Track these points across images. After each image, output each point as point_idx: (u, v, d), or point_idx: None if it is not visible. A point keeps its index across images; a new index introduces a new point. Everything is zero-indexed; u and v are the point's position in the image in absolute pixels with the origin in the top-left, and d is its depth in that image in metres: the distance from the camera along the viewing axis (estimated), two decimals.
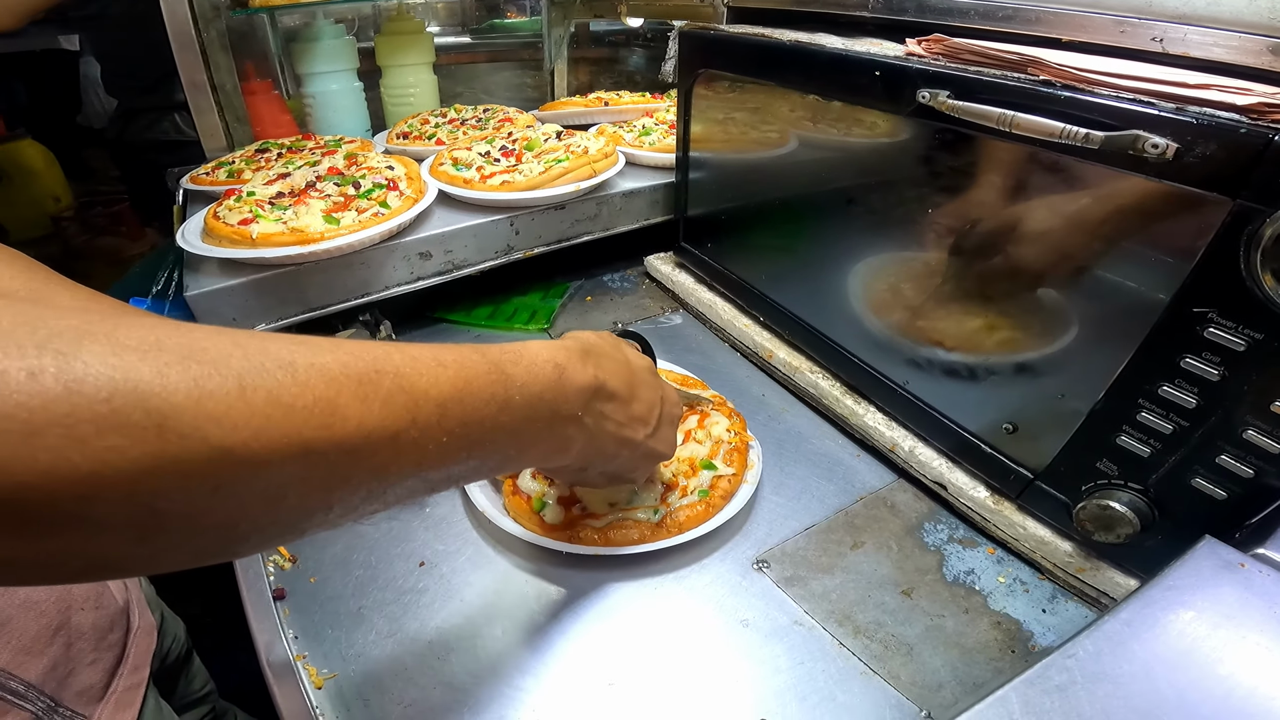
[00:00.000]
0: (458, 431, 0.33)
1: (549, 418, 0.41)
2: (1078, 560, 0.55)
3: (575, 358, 0.43)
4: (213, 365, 0.24)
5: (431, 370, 0.32)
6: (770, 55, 0.72)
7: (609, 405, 0.46)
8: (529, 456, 0.42)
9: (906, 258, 0.64)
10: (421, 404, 0.31)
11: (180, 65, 1.06)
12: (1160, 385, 0.45)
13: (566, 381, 0.41)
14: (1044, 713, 0.34)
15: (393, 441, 0.30)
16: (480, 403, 0.35)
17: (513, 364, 0.38)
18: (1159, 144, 0.40)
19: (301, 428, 0.26)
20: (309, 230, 0.75)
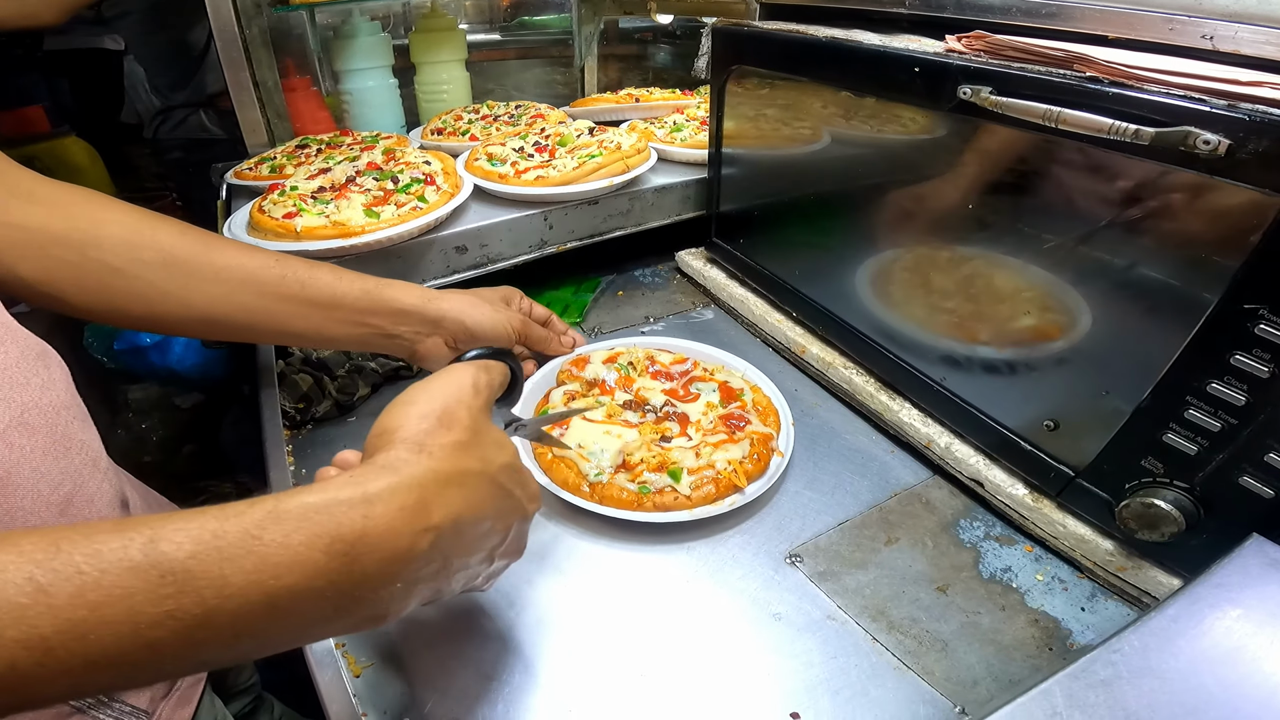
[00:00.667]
0: (92, 668, 0.26)
1: (326, 608, 0.31)
2: (1119, 559, 0.54)
3: (391, 516, 0.32)
4: None
5: (10, 610, 0.24)
6: (807, 51, 0.72)
7: (455, 552, 0.37)
8: (311, 636, 0.36)
9: (943, 253, 0.63)
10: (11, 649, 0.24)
11: (224, 61, 1.08)
12: (1209, 382, 0.44)
13: (360, 559, 0.31)
14: (1089, 707, 0.34)
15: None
16: (139, 628, 0.26)
17: (221, 561, 0.28)
18: (1211, 140, 0.40)
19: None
20: (350, 223, 0.77)
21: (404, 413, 0.39)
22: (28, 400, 0.41)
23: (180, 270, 0.56)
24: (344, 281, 0.62)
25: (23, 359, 0.43)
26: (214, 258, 0.57)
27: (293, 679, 0.52)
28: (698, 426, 0.69)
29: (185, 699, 0.55)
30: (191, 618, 0.27)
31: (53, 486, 0.42)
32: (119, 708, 0.49)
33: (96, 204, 0.55)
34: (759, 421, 0.69)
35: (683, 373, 0.77)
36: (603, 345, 0.82)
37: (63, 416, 0.45)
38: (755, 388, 0.74)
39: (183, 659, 0.28)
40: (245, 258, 0.59)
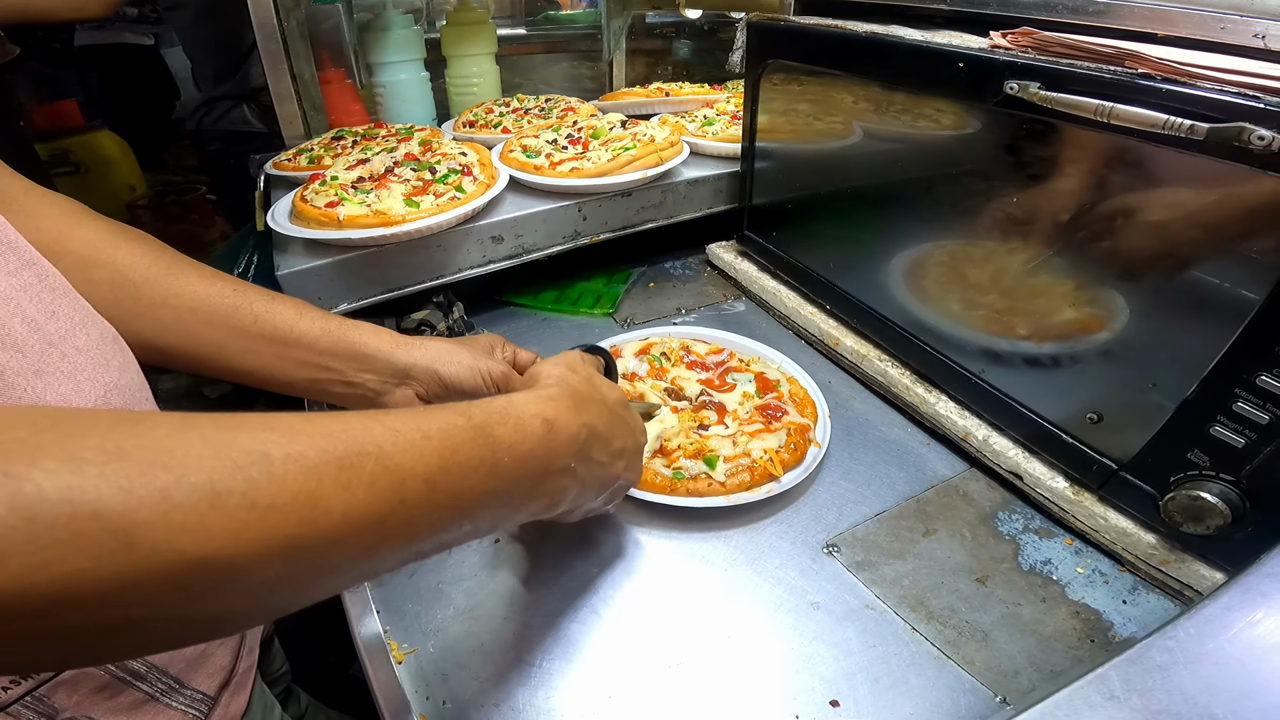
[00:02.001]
0: (447, 504, 0.32)
1: (540, 474, 0.40)
2: (1161, 552, 0.54)
3: (565, 409, 0.42)
4: (180, 471, 0.23)
5: (415, 444, 0.31)
6: (845, 46, 0.72)
7: (597, 449, 0.45)
8: (523, 513, 0.42)
9: (981, 248, 0.63)
10: (408, 482, 0.30)
11: (263, 54, 1.10)
12: (1258, 375, 0.44)
13: (557, 435, 0.40)
14: (1146, 690, 0.34)
15: (380, 524, 0.29)
16: (468, 470, 0.34)
17: (499, 424, 0.37)
18: (1265, 136, 0.40)
19: (282, 525, 0.25)
20: (391, 213, 0.78)
21: (541, 367, 0.50)
22: (110, 381, 0.43)
23: (128, 293, 0.53)
24: (304, 319, 0.58)
25: (102, 341, 0.44)
26: (169, 282, 0.55)
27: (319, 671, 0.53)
28: (734, 416, 0.70)
29: (241, 685, 0.56)
30: (489, 464, 0.35)
31: None
32: (190, 694, 0.50)
33: (71, 218, 0.53)
34: (796, 412, 0.69)
35: (718, 363, 0.78)
36: (635, 335, 0.83)
37: (138, 397, 0.46)
38: (791, 379, 0.75)
39: (478, 508, 0.35)
40: (201, 285, 0.56)
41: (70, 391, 0.40)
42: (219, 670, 0.53)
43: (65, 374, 0.40)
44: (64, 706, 0.42)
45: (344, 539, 0.27)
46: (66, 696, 0.42)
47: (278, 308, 0.58)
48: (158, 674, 0.47)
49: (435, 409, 0.35)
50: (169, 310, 0.54)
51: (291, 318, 0.58)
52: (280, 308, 0.58)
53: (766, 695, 0.49)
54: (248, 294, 0.57)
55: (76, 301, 0.44)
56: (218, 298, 0.56)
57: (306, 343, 0.58)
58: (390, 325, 0.84)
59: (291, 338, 0.57)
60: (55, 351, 0.40)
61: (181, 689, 0.49)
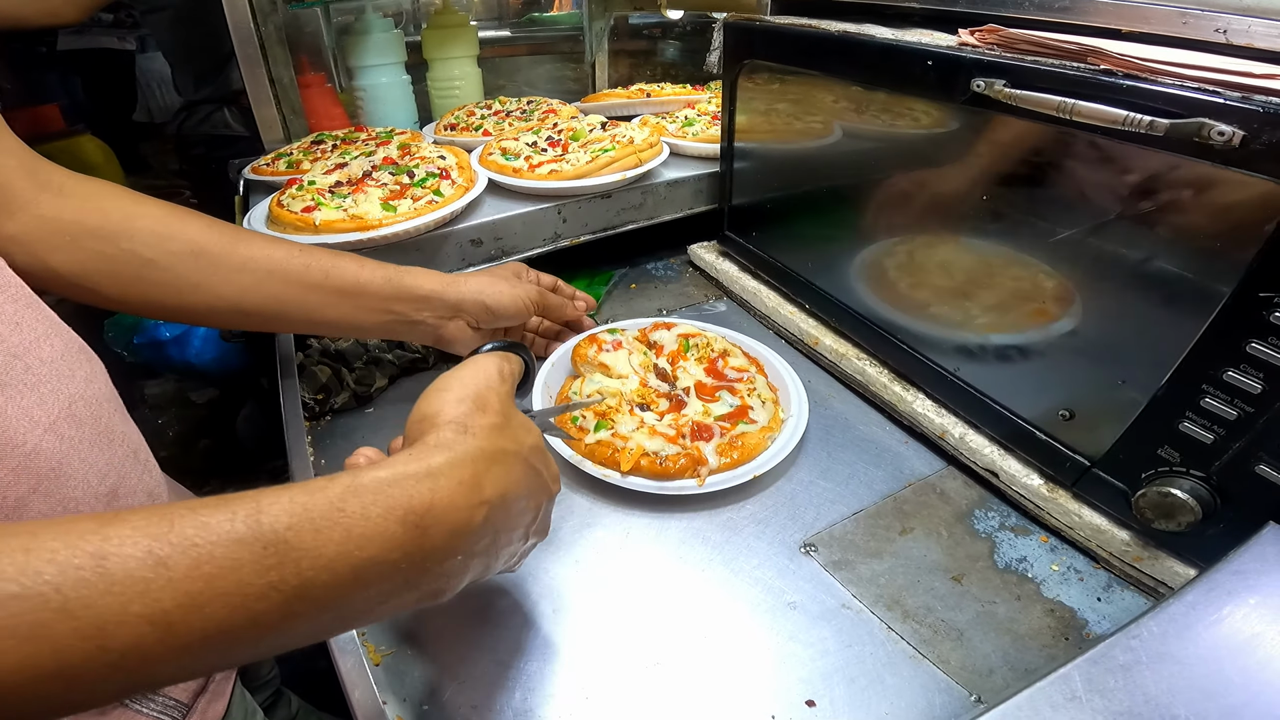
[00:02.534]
0: (207, 642, 0.26)
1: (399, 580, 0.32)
2: (1135, 549, 0.54)
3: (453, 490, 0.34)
4: None
5: (136, 580, 0.25)
6: (819, 46, 0.72)
7: (504, 526, 0.38)
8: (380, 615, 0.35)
9: (956, 244, 0.63)
10: (115, 631, 0.24)
11: (240, 58, 1.09)
12: (1225, 370, 0.44)
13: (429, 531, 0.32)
14: (1108, 691, 0.34)
15: (52, 679, 0.23)
16: (246, 600, 0.27)
17: (312, 532, 0.29)
18: (1225, 131, 0.40)
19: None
20: (368, 217, 0.77)
21: (441, 398, 0.40)
22: (74, 392, 0.42)
23: (209, 261, 0.57)
24: (367, 270, 0.63)
25: (67, 352, 0.44)
26: (240, 249, 0.59)
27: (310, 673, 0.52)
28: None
29: (219, 693, 0.55)
30: (290, 589, 0.28)
31: (100, 478, 0.43)
32: (162, 701, 0.49)
33: (128, 198, 0.56)
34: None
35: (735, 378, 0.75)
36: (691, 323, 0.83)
37: (105, 409, 0.45)
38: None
39: (279, 633, 0.29)
40: (271, 248, 0.60)
41: (33, 403, 0.40)
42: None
43: (29, 386, 0.40)
44: None
45: (31, 693, 0.23)
46: None
47: (341, 263, 0.63)
48: None
49: (211, 510, 0.28)
50: (249, 274, 0.59)
51: (355, 270, 0.63)
52: (343, 263, 0.63)
53: (743, 695, 0.49)
54: (314, 253, 0.62)
55: (41, 312, 0.44)
56: (288, 259, 0.60)
57: (372, 291, 0.63)
58: None
59: (359, 288, 0.63)
60: (19, 363, 0.40)
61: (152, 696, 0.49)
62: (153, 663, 0.25)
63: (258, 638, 0.28)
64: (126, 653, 0.24)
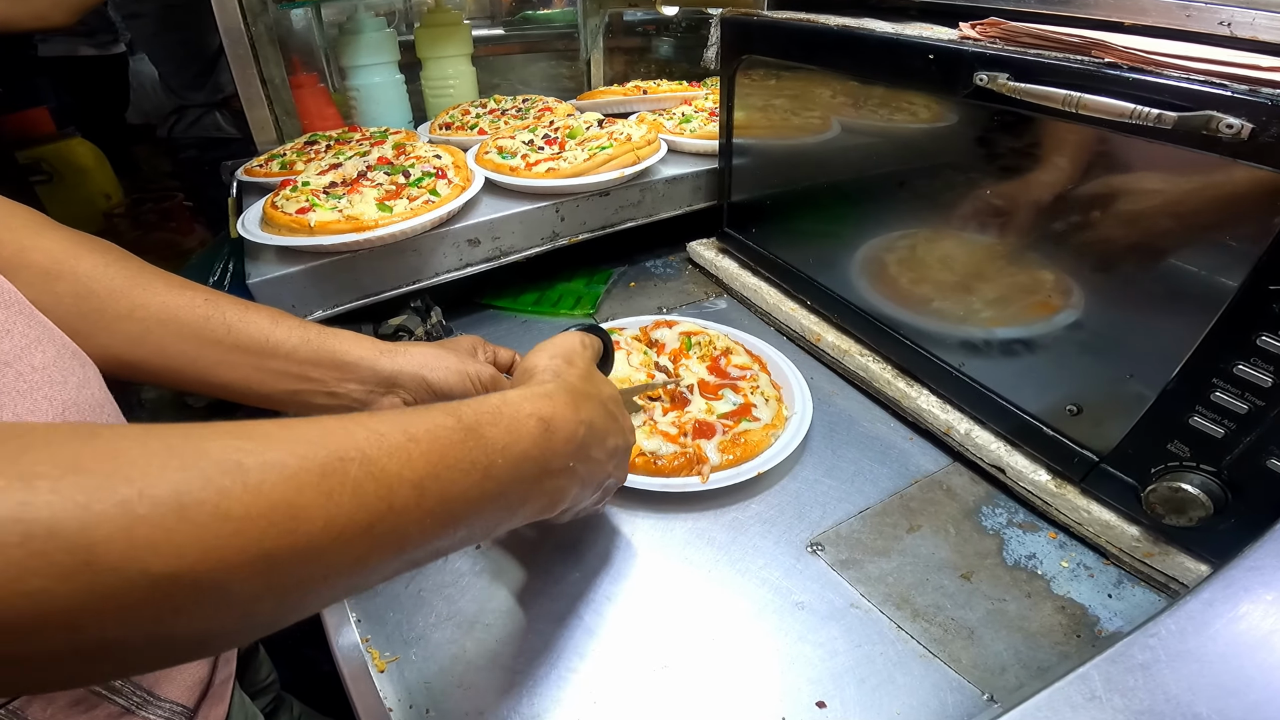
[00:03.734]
0: (438, 510, 0.31)
1: (538, 475, 0.38)
2: (1145, 544, 0.54)
3: (562, 406, 0.41)
4: (143, 483, 0.22)
5: (402, 448, 0.30)
6: (818, 40, 0.72)
7: (595, 447, 0.44)
8: (521, 515, 0.40)
9: (959, 239, 0.63)
10: (396, 488, 0.29)
11: (231, 59, 1.08)
12: (1235, 364, 0.44)
13: (554, 434, 0.39)
14: (1128, 690, 0.34)
15: (368, 533, 0.27)
16: (459, 474, 0.32)
17: (491, 425, 0.35)
18: (1234, 124, 0.40)
19: (259, 538, 0.23)
20: (364, 218, 0.76)
21: (537, 357, 0.48)
22: (68, 399, 0.42)
23: (92, 305, 0.51)
24: (281, 328, 0.56)
25: (60, 358, 0.43)
26: (135, 293, 0.52)
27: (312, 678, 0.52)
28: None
29: (219, 696, 0.55)
30: (481, 468, 0.33)
31: None
32: (168, 706, 0.49)
33: (30, 229, 0.51)
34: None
35: (738, 376, 0.75)
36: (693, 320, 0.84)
37: (100, 414, 0.45)
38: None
39: (472, 513, 0.34)
40: (170, 295, 0.54)
41: (26, 410, 0.39)
42: (196, 682, 0.52)
43: (20, 393, 0.39)
44: (38, 719, 0.41)
45: (329, 550, 0.26)
46: (41, 710, 0.41)
47: (252, 317, 0.56)
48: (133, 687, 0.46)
49: (422, 410, 0.34)
50: (135, 322, 0.52)
51: (267, 327, 0.56)
52: (255, 317, 0.56)
53: (753, 697, 0.48)
54: (220, 303, 0.55)
55: (33, 318, 0.43)
56: (188, 308, 0.54)
57: (284, 352, 0.56)
58: (368, 331, 0.83)
59: (268, 348, 0.55)
60: (10, 370, 0.39)
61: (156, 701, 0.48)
62: (404, 523, 0.29)
63: (462, 514, 0.33)
64: (402, 511, 0.29)
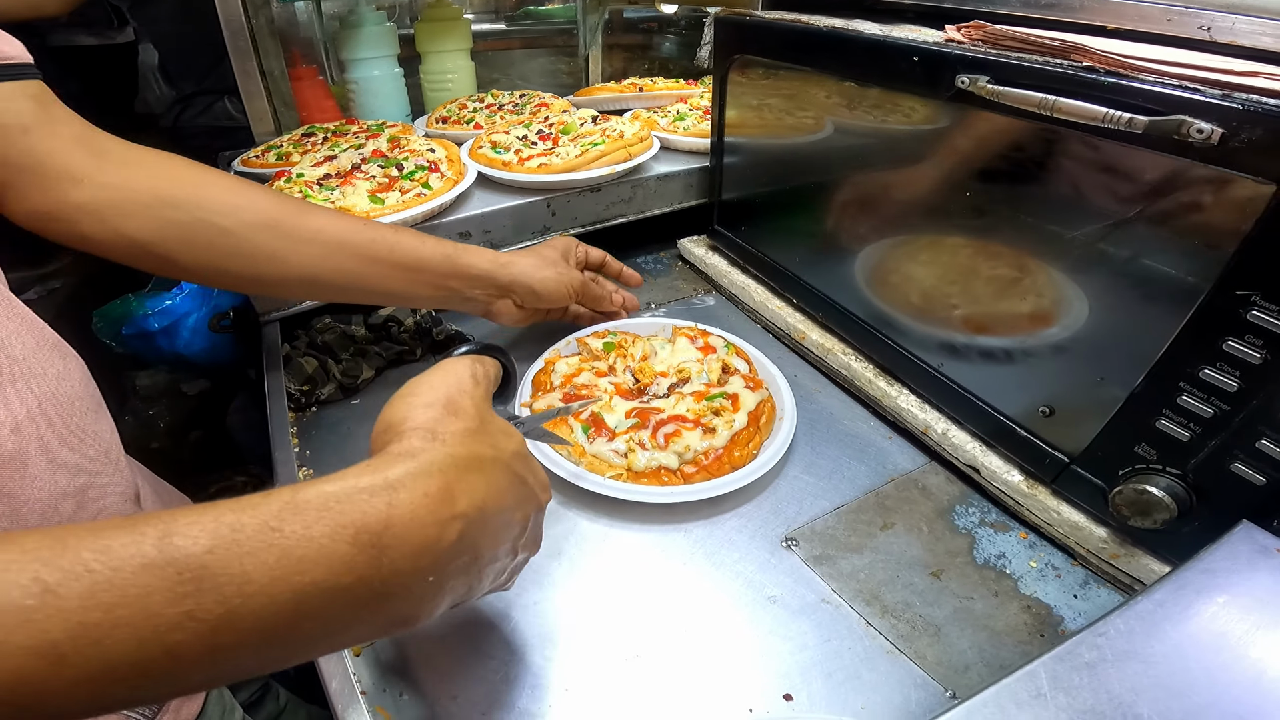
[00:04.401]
0: (103, 676, 0.24)
1: (349, 606, 0.29)
2: (1112, 546, 0.54)
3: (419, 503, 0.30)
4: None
5: (15, 614, 0.22)
6: (807, 41, 0.72)
7: (485, 542, 0.34)
8: (340, 644, 0.31)
9: (941, 241, 0.63)
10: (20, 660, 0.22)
11: (231, 50, 1.09)
12: (1202, 368, 0.44)
13: (387, 551, 0.29)
14: (1073, 689, 0.34)
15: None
16: (149, 631, 0.24)
17: (241, 556, 0.26)
18: (1204, 129, 0.40)
19: None
20: (355, 209, 0.77)
21: (407, 404, 0.37)
22: (45, 391, 0.42)
23: (280, 231, 0.59)
24: (427, 246, 0.66)
25: (39, 349, 0.43)
26: (309, 221, 0.60)
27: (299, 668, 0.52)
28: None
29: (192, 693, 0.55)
30: (214, 618, 0.25)
31: (69, 478, 0.43)
32: None
33: (196, 168, 0.58)
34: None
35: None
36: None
37: (77, 408, 0.45)
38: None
39: (207, 667, 0.26)
40: (337, 221, 0.62)
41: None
42: None
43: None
44: None
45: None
46: None
47: (403, 239, 0.65)
48: None
49: (116, 533, 0.25)
50: (319, 246, 0.60)
51: (416, 245, 0.65)
52: (405, 239, 0.65)
53: (721, 688, 0.49)
54: (377, 228, 0.64)
55: (12, 308, 0.44)
56: (355, 233, 0.63)
57: (431, 267, 0.66)
58: (358, 321, 0.84)
59: (419, 263, 0.66)
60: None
61: None
62: (48, 696, 0.23)
63: (181, 672, 0.25)
64: (15, 686, 0.22)
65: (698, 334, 0.80)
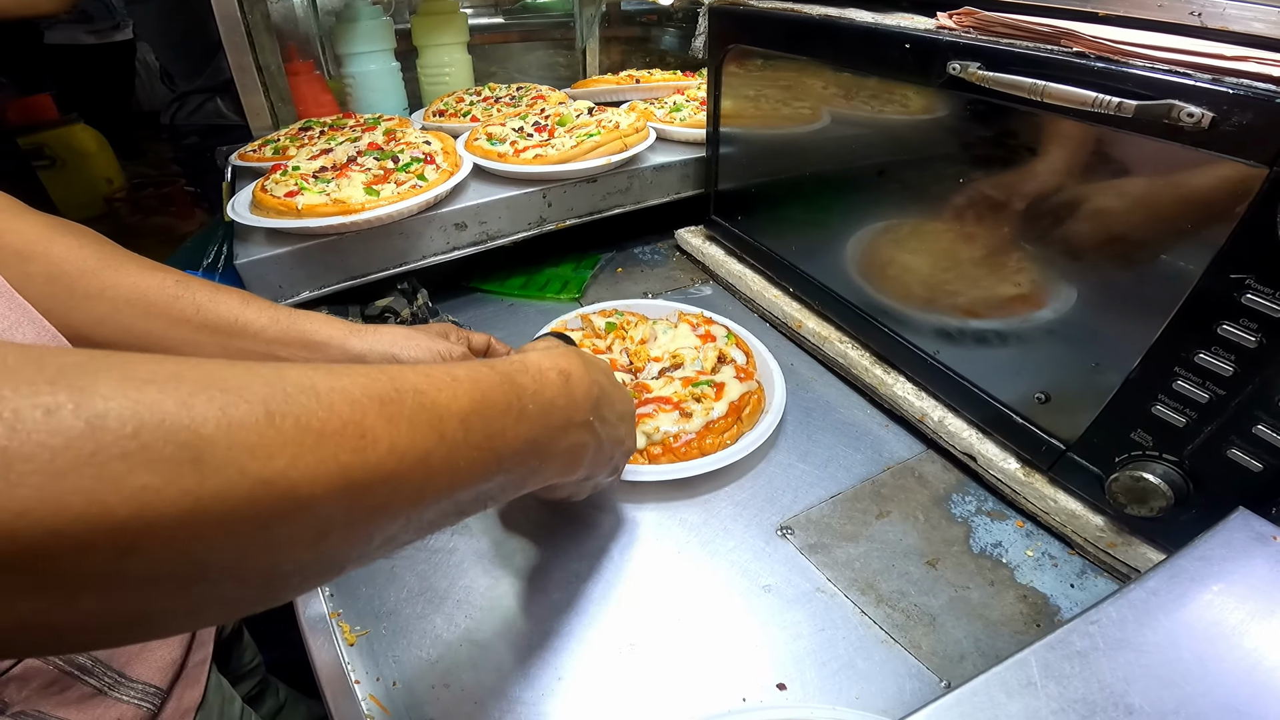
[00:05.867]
0: (483, 445, 0.32)
1: (563, 424, 0.40)
2: (1109, 535, 0.54)
3: (576, 364, 0.42)
4: (236, 393, 0.23)
5: (448, 385, 0.31)
6: (799, 30, 0.72)
7: (607, 408, 0.45)
8: (549, 469, 0.40)
9: (937, 228, 0.63)
10: (445, 420, 0.30)
11: (227, 46, 1.08)
12: (1196, 353, 0.44)
13: (574, 387, 0.41)
14: (1064, 677, 0.34)
15: (424, 462, 0.29)
16: (498, 413, 0.34)
17: (520, 373, 0.37)
18: (1194, 113, 0.40)
19: (336, 454, 0.25)
20: (351, 201, 0.77)
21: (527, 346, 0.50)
22: None
23: (63, 285, 0.52)
24: (251, 308, 0.57)
25: (40, 339, 0.43)
26: (105, 274, 0.53)
27: (295, 662, 0.52)
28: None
29: (194, 678, 0.56)
30: (516, 412, 0.35)
31: None
32: (141, 687, 0.50)
33: (5, 213, 0.52)
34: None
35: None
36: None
37: None
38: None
39: (508, 459, 0.35)
40: (141, 276, 0.54)
41: None
42: (169, 664, 0.53)
43: None
44: (13, 701, 0.41)
45: (392, 474, 0.27)
46: (16, 691, 0.41)
47: (222, 298, 0.56)
48: (103, 668, 0.47)
49: (459, 361, 0.37)
50: (104, 302, 0.52)
51: (237, 307, 0.56)
52: (225, 298, 0.56)
53: (715, 677, 0.49)
54: (190, 285, 0.55)
55: (13, 300, 0.44)
56: (157, 288, 0.54)
57: (252, 332, 0.56)
58: (355, 312, 0.84)
59: (236, 327, 0.56)
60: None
61: (128, 682, 0.49)
62: (457, 459, 0.31)
63: (502, 454, 0.34)
64: (453, 446, 0.30)
65: (701, 321, 0.80)
